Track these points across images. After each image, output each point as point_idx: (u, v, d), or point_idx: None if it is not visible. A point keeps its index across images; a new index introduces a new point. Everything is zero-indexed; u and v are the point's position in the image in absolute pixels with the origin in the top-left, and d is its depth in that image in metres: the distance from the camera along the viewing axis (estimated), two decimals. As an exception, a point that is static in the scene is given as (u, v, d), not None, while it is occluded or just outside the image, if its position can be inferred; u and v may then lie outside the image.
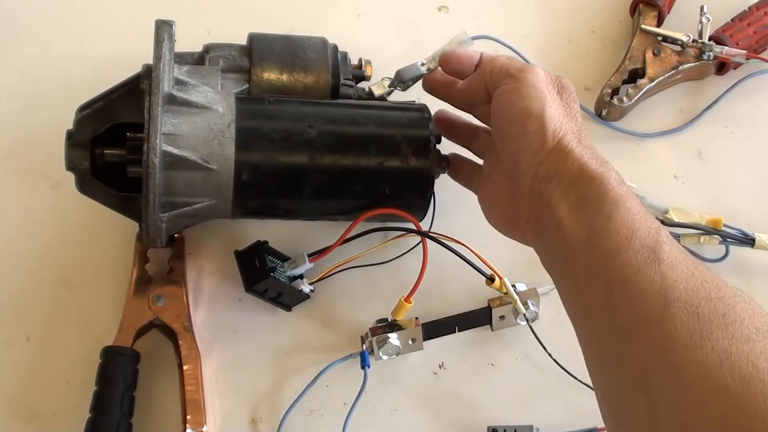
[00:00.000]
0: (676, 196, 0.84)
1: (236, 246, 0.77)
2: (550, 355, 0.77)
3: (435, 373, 0.80)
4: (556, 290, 0.80)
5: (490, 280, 0.76)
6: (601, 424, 0.77)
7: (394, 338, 0.76)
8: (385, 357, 0.77)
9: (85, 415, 0.73)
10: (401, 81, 0.79)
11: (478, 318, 0.78)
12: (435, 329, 0.78)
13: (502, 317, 0.78)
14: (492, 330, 0.79)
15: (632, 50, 0.85)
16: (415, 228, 0.74)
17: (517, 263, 0.81)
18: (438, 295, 0.80)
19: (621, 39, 0.89)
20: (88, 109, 0.71)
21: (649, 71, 0.84)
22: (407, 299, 0.75)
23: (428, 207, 0.75)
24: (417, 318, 0.77)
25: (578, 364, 0.77)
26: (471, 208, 0.83)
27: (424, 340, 0.77)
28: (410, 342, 0.77)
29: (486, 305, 0.79)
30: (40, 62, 0.84)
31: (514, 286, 0.78)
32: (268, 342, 0.79)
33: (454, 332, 0.78)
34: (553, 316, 0.80)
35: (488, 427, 0.78)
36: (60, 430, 0.76)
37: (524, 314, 0.77)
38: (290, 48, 0.75)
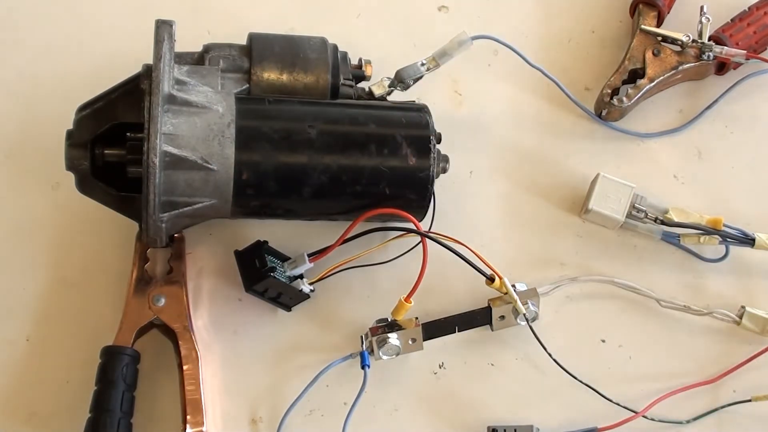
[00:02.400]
0: (676, 196, 0.84)
1: (236, 246, 0.77)
2: (550, 355, 0.77)
3: (435, 373, 0.80)
4: (556, 290, 0.81)
5: (490, 280, 0.76)
6: (600, 424, 0.77)
7: (393, 338, 0.76)
8: (385, 357, 0.77)
9: (85, 415, 0.73)
10: (401, 81, 0.79)
11: (478, 318, 0.78)
12: (435, 329, 0.78)
13: (502, 317, 0.78)
14: (492, 330, 0.79)
15: (632, 50, 0.85)
16: (414, 228, 0.74)
17: (517, 263, 0.81)
18: (438, 295, 0.80)
19: (621, 39, 0.89)
20: (88, 109, 0.71)
21: (649, 71, 0.84)
22: (407, 299, 0.75)
23: (428, 207, 0.75)
24: (417, 318, 0.77)
25: (577, 364, 0.78)
26: (471, 208, 0.83)
27: (424, 340, 0.77)
28: (410, 342, 0.77)
29: (486, 305, 0.78)
30: (40, 62, 0.84)
31: (513, 286, 0.77)
32: (268, 342, 0.79)
33: (454, 332, 0.78)
34: (552, 316, 0.80)
35: (488, 427, 0.78)
36: (60, 430, 0.76)
37: (524, 314, 0.77)
38: (290, 48, 0.75)
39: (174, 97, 0.68)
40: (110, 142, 0.71)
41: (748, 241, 0.81)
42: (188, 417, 0.74)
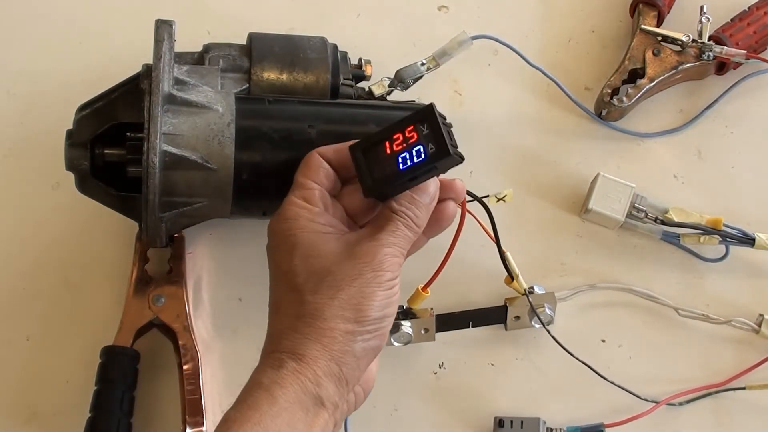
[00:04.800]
0: (676, 196, 0.84)
1: (236, 245, 0.77)
2: (571, 354, 0.77)
3: (435, 373, 0.80)
4: (573, 297, 0.80)
5: (511, 277, 0.76)
6: (608, 420, 0.77)
7: (407, 326, 0.76)
8: (396, 344, 0.76)
9: (85, 415, 0.73)
10: (401, 81, 0.79)
11: (494, 316, 0.78)
12: (449, 322, 0.77)
13: (517, 317, 0.78)
14: (506, 329, 0.79)
15: (632, 50, 0.85)
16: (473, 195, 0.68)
17: (517, 263, 0.80)
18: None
19: (621, 39, 0.89)
20: (88, 108, 0.71)
21: (649, 71, 0.84)
22: (425, 289, 0.73)
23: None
24: (432, 308, 0.77)
25: (582, 367, 0.77)
26: (470, 208, 0.83)
27: (437, 332, 0.77)
28: (422, 332, 0.77)
29: (503, 304, 0.78)
30: (41, 62, 0.84)
31: (532, 288, 0.78)
32: (268, 342, 0.79)
33: (468, 327, 0.78)
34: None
35: (495, 418, 0.78)
36: (60, 430, 0.76)
37: (533, 309, 0.77)
38: (290, 48, 0.75)
39: (174, 97, 0.68)
40: (110, 142, 0.71)
41: (748, 241, 0.81)
42: (188, 417, 0.74)
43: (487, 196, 0.75)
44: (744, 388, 0.79)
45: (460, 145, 0.81)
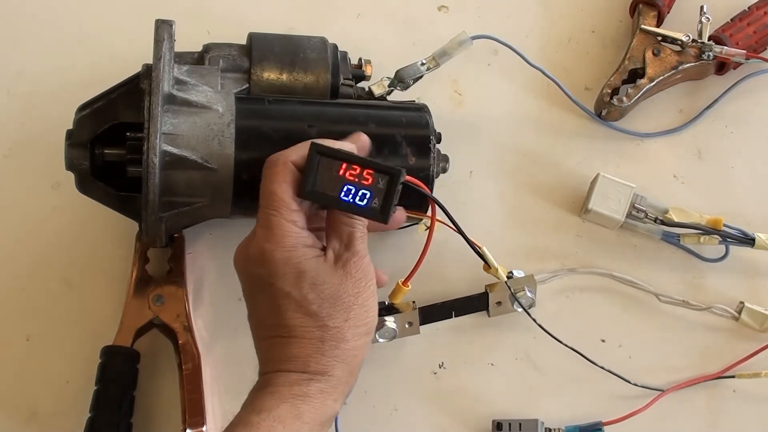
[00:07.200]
0: (676, 196, 0.84)
1: (236, 245, 0.76)
2: (554, 337, 0.77)
3: (435, 373, 0.80)
4: (553, 279, 0.80)
5: (488, 265, 0.76)
6: (605, 418, 0.77)
7: (390, 321, 0.76)
8: (381, 340, 0.76)
9: (85, 415, 0.73)
10: (401, 81, 0.79)
11: (475, 303, 0.78)
12: (431, 313, 0.78)
13: (498, 303, 0.78)
14: (489, 316, 0.79)
15: (632, 50, 0.85)
16: (426, 193, 0.69)
17: (517, 263, 0.81)
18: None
19: (621, 39, 0.89)
20: (88, 108, 0.71)
21: (649, 71, 0.84)
22: (405, 283, 0.74)
23: (428, 207, 0.75)
24: (414, 302, 0.77)
25: (576, 363, 0.78)
26: (471, 208, 0.83)
27: (421, 324, 0.77)
28: (407, 326, 0.77)
29: (483, 291, 0.79)
30: (40, 62, 0.84)
31: (511, 272, 0.78)
32: (268, 342, 0.79)
33: (451, 317, 0.78)
34: (554, 309, 0.81)
35: (493, 421, 0.78)
36: (60, 430, 0.76)
37: (512, 292, 0.77)
38: (290, 48, 0.75)
39: (174, 97, 0.68)
40: (110, 142, 0.71)
41: (748, 241, 0.81)
42: (188, 417, 0.74)
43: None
44: (734, 377, 0.80)
45: (460, 144, 0.82)
